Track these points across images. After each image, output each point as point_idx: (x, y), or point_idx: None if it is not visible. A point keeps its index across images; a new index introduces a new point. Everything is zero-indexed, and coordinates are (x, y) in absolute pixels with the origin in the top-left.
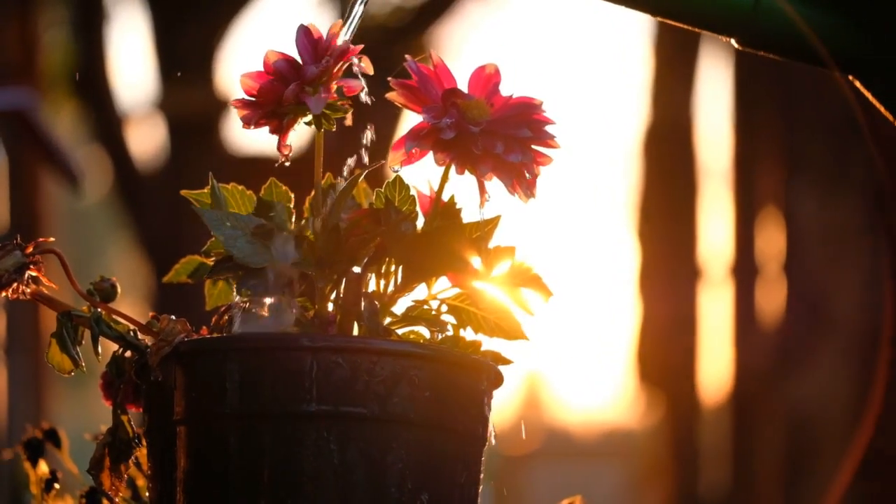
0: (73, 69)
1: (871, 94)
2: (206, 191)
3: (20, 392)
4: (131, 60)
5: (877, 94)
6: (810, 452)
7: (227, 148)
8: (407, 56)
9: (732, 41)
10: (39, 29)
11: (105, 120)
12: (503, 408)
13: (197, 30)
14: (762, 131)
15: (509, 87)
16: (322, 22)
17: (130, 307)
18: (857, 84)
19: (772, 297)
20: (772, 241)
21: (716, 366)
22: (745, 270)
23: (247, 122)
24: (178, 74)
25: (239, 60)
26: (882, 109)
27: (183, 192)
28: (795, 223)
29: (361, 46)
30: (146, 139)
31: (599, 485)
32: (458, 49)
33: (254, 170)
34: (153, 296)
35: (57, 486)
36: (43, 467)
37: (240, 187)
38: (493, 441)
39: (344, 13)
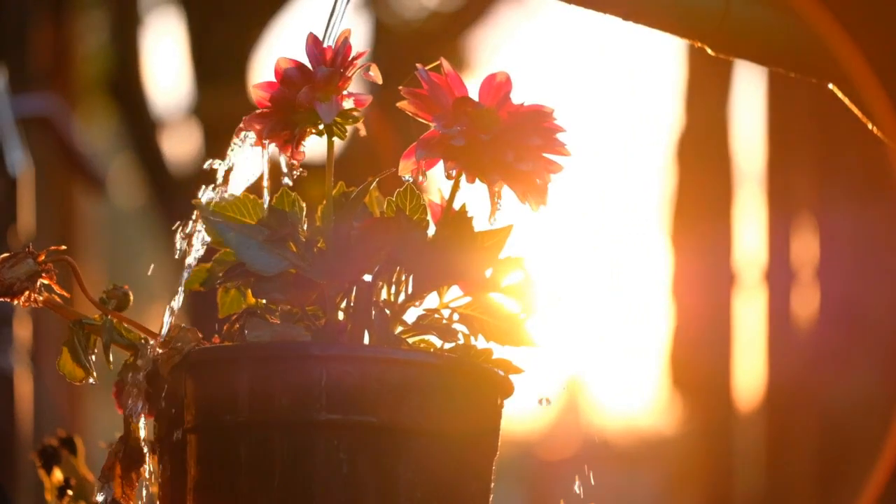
0: (107, 75)
1: (849, 101)
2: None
3: (49, 399)
4: (166, 66)
5: (855, 101)
6: (845, 457)
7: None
8: (417, 65)
9: (706, 47)
10: (72, 35)
11: (140, 125)
12: (541, 413)
13: (231, 34)
14: (797, 136)
15: (532, 94)
16: (355, 26)
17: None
18: (835, 90)
19: (806, 303)
20: (806, 246)
21: (750, 370)
22: (779, 275)
23: (259, 136)
24: (213, 78)
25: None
26: (860, 116)
27: (193, 202)
28: (830, 228)
29: (368, 51)
30: (181, 144)
31: (635, 490)
32: (493, 54)
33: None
34: (187, 303)
35: (70, 493)
36: (57, 475)
37: (251, 196)
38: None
39: (377, 18)
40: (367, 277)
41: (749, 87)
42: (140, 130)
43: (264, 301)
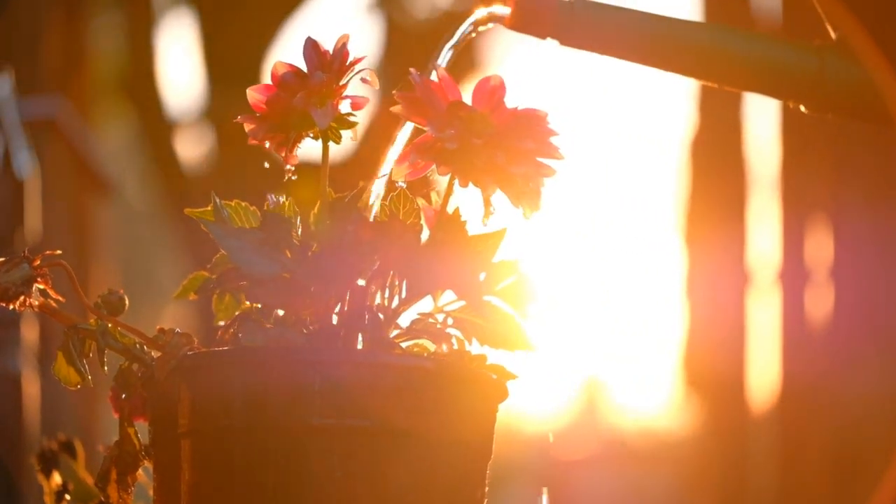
0: (119, 77)
1: None
2: (209, 209)
3: (59, 401)
4: (179, 67)
5: None
6: (859, 457)
7: (274, 153)
8: (411, 69)
9: (801, 107)
10: (85, 37)
11: (153, 127)
12: (560, 413)
13: (245, 36)
14: (811, 138)
15: (535, 97)
16: (369, 27)
17: (177, 315)
18: None
19: (820, 303)
20: (820, 247)
21: (764, 371)
22: (793, 276)
23: (254, 136)
24: (226, 80)
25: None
26: None
27: (187, 211)
28: (844, 229)
29: (365, 57)
30: (194, 146)
31: (650, 490)
32: (506, 55)
33: (302, 175)
34: (201, 305)
35: (68, 497)
36: (56, 478)
37: (243, 203)
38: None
39: (389, 17)
40: (361, 282)
41: None
42: (153, 132)
43: (259, 306)
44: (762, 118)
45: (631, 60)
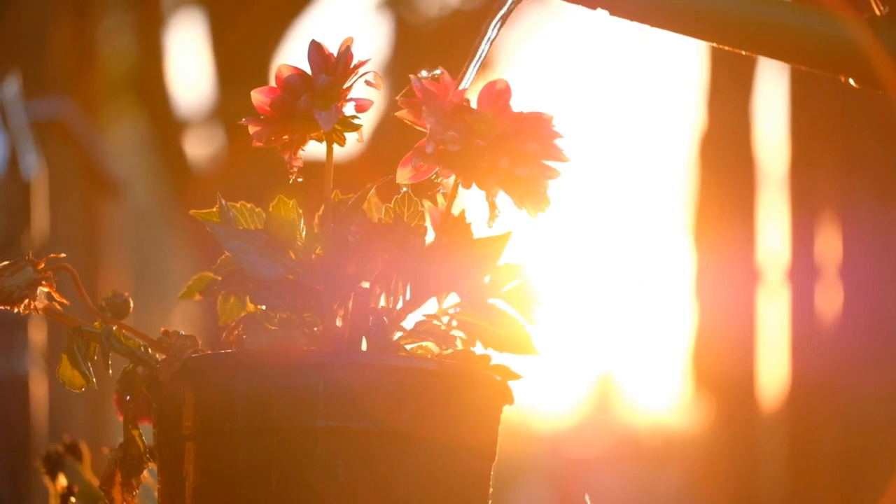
0: (128, 77)
1: None
2: (214, 210)
3: (65, 403)
4: (188, 67)
5: None
6: (868, 454)
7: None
8: (411, 75)
9: (851, 81)
10: (93, 37)
11: (162, 127)
12: (571, 412)
13: (254, 35)
14: (820, 135)
15: (541, 98)
16: (379, 26)
17: (187, 316)
18: None
19: (829, 301)
20: (829, 244)
21: (773, 369)
22: (802, 274)
23: (258, 139)
24: (235, 79)
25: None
26: None
27: (192, 213)
28: (853, 226)
29: (370, 59)
30: (203, 145)
31: (659, 488)
32: (515, 53)
33: (311, 175)
34: (211, 305)
35: (73, 499)
36: (62, 481)
37: (248, 205)
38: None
39: (399, 16)
40: (365, 284)
41: (772, 87)
42: (162, 133)
43: (263, 308)
44: (771, 115)
45: (681, 32)
